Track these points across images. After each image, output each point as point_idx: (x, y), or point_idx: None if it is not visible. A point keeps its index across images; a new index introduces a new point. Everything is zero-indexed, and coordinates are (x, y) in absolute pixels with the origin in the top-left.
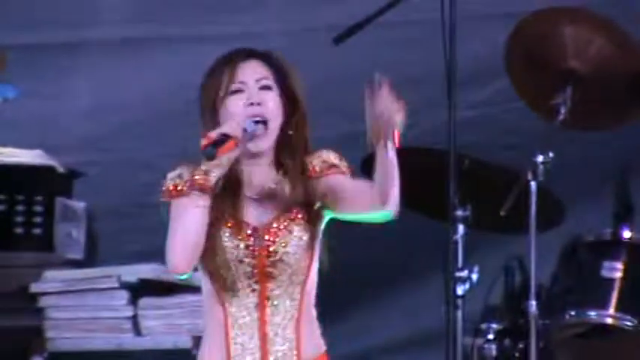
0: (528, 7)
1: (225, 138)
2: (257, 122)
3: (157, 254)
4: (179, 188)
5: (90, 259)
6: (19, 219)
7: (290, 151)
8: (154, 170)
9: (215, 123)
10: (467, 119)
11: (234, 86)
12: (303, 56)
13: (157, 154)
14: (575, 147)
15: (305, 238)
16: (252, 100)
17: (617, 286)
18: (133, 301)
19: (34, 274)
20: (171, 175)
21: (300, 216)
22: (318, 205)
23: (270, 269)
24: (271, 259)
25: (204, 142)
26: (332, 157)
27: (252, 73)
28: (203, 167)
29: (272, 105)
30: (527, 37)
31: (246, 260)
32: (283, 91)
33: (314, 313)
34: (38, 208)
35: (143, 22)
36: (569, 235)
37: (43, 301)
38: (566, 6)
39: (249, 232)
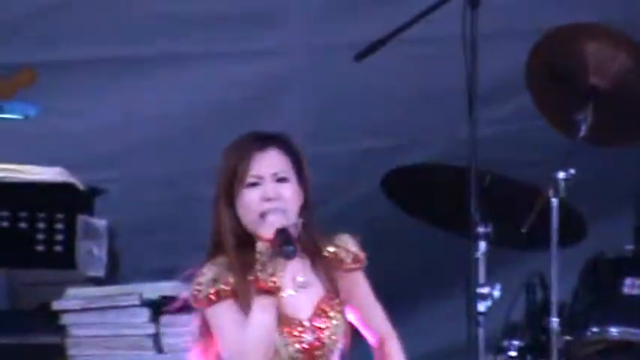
0: (550, 23)
1: (286, 232)
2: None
3: (178, 271)
4: (220, 294)
5: (111, 277)
6: (41, 237)
7: (308, 237)
8: (175, 187)
9: (231, 211)
10: (488, 136)
11: (250, 180)
12: (324, 73)
13: (178, 170)
14: (596, 163)
15: (343, 324)
16: (269, 196)
17: (638, 302)
18: (155, 318)
19: (56, 292)
20: (204, 279)
21: (336, 305)
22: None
23: (316, 353)
24: (319, 351)
25: (265, 245)
26: (350, 244)
27: (268, 166)
28: (268, 269)
29: (288, 196)
30: (549, 54)
31: (297, 356)
32: (299, 178)
33: None
34: (59, 226)
35: (163, 38)
36: (590, 252)
37: (65, 319)
38: (588, 22)
39: (298, 328)
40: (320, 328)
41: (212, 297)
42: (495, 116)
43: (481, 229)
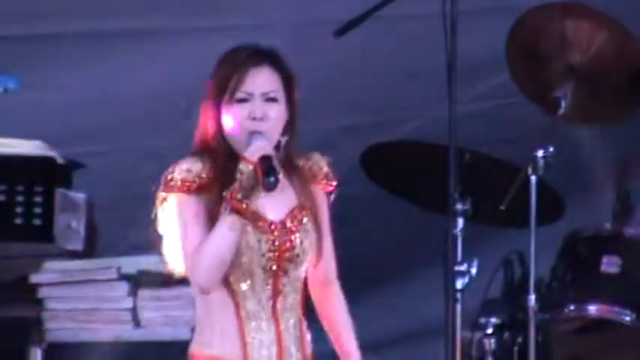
0: (530, 1)
1: (269, 161)
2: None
3: (156, 246)
4: (192, 185)
5: (89, 251)
6: (19, 210)
7: (286, 154)
8: (155, 162)
9: (216, 120)
10: (467, 113)
11: (239, 95)
12: (305, 49)
13: (158, 145)
14: (575, 141)
15: (314, 236)
16: (255, 115)
17: (615, 280)
18: (133, 292)
19: (34, 265)
20: (179, 167)
21: (308, 215)
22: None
23: (285, 263)
24: (289, 253)
25: (247, 166)
26: (324, 164)
27: (260, 84)
28: (243, 191)
29: (274, 117)
30: (529, 31)
31: (268, 254)
32: (287, 98)
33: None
34: (38, 199)
35: (146, 13)
36: (568, 230)
37: (43, 292)
38: (567, 0)
39: (272, 227)
40: (291, 230)
41: (182, 186)
42: (475, 93)
43: (459, 206)
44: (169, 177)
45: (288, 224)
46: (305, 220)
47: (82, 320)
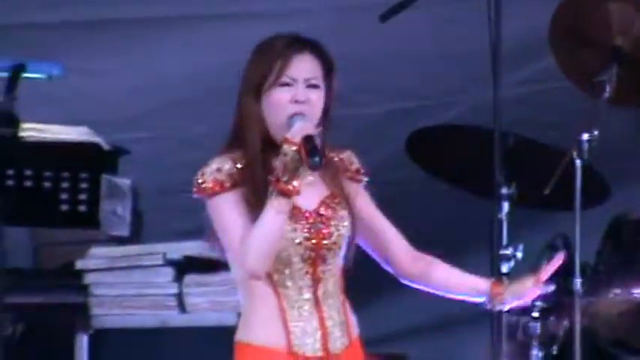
0: None
1: (313, 141)
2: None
3: (202, 231)
4: (225, 184)
5: (135, 237)
6: (65, 196)
7: (322, 143)
8: (199, 148)
9: (257, 106)
10: (512, 97)
11: (283, 79)
12: (351, 34)
13: (202, 132)
14: (620, 125)
15: (349, 223)
16: (298, 99)
17: None
18: (178, 278)
19: (80, 251)
20: (209, 169)
21: (342, 204)
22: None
23: (324, 251)
24: (326, 241)
25: (290, 147)
26: (356, 161)
27: (303, 70)
28: (289, 173)
29: (316, 103)
30: (572, 15)
31: (305, 243)
32: (327, 88)
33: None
34: (84, 185)
35: (188, 0)
36: (614, 213)
37: (89, 278)
38: None
39: (306, 215)
40: (326, 218)
41: (215, 186)
42: (519, 78)
43: (504, 191)
44: (200, 180)
45: (322, 212)
46: (339, 208)
47: (127, 306)
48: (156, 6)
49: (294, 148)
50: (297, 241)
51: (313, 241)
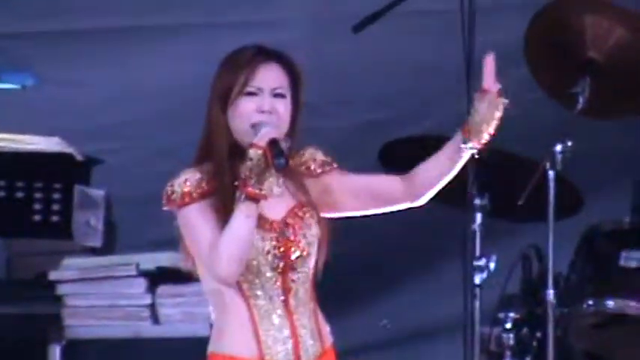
0: None
1: (279, 145)
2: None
3: (175, 242)
4: (192, 195)
5: (108, 247)
6: (38, 206)
7: (291, 156)
8: (174, 159)
9: (224, 116)
10: None
11: (249, 89)
12: (324, 45)
13: (176, 142)
14: (593, 136)
15: (317, 230)
16: (264, 109)
17: (635, 275)
18: (151, 289)
19: (53, 262)
20: (177, 181)
21: (310, 212)
22: (319, 205)
23: (292, 260)
24: (295, 249)
25: (257, 151)
26: (320, 154)
27: (269, 79)
28: (256, 177)
29: (282, 112)
30: (547, 26)
31: (273, 252)
32: (293, 96)
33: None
34: (56, 196)
35: (165, 9)
36: (587, 224)
37: (61, 289)
38: None
39: (273, 224)
40: (293, 227)
41: (184, 197)
42: None
43: (478, 201)
44: (170, 192)
45: (289, 221)
46: (307, 216)
47: (101, 317)
48: (131, 17)
49: (260, 152)
50: (266, 249)
51: (281, 249)
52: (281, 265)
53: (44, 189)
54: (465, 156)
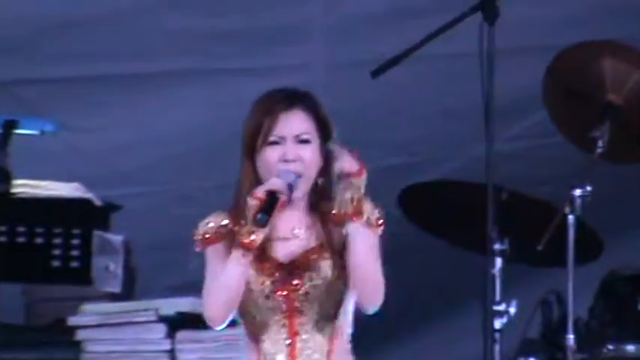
0: (567, 40)
1: (274, 199)
2: (298, 176)
3: (195, 287)
4: (207, 237)
5: (127, 293)
6: (57, 252)
7: (320, 196)
8: (192, 203)
9: (252, 165)
10: (505, 152)
11: (271, 138)
12: (344, 89)
13: (195, 187)
14: (613, 180)
15: (332, 273)
16: (288, 158)
17: None
18: (171, 334)
19: (72, 308)
20: (201, 223)
21: (326, 254)
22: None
23: (297, 304)
24: (298, 293)
25: (254, 201)
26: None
27: (291, 127)
28: (249, 227)
29: (308, 158)
30: (565, 70)
31: (273, 296)
32: (321, 139)
33: (348, 347)
34: (75, 242)
35: (183, 54)
36: (607, 269)
37: (81, 335)
38: (604, 39)
39: (275, 266)
40: (302, 268)
41: (204, 239)
42: (513, 133)
43: (497, 246)
44: (196, 235)
45: (298, 263)
46: (320, 259)
47: None
48: (148, 62)
49: (255, 202)
50: (266, 292)
51: (283, 292)
52: (285, 308)
53: (63, 234)
54: (356, 238)
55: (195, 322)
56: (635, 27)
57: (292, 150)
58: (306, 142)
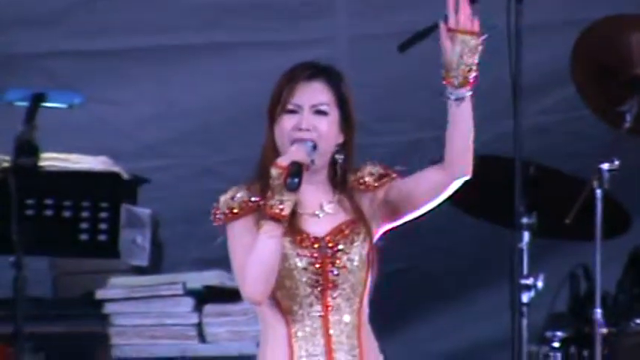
0: (594, 14)
1: (298, 166)
2: (314, 146)
3: (222, 261)
4: (235, 211)
5: (155, 266)
6: (85, 225)
7: (342, 173)
8: (218, 177)
9: (271, 133)
10: (533, 127)
11: (289, 106)
12: (369, 64)
13: (220, 160)
14: None
15: (365, 249)
16: (302, 126)
17: None
18: (198, 308)
19: (99, 281)
20: (223, 197)
21: (358, 228)
22: (377, 219)
23: (333, 277)
24: (335, 267)
25: (277, 170)
26: (379, 168)
27: (309, 97)
28: (277, 197)
29: (324, 130)
30: (593, 45)
31: (310, 268)
32: (341, 114)
33: (369, 326)
34: (103, 215)
35: (208, 28)
36: (635, 243)
37: (108, 308)
38: (632, 13)
39: (312, 240)
40: (335, 243)
41: (227, 215)
42: (540, 108)
43: (525, 220)
44: (216, 209)
45: (331, 238)
46: (353, 234)
47: (147, 336)
48: (174, 36)
49: (280, 171)
50: (302, 266)
51: (317, 266)
52: (319, 281)
53: (91, 208)
54: (462, 105)
55: (222, 295)
56: None
57: (308, 119)
58: (323, 113)
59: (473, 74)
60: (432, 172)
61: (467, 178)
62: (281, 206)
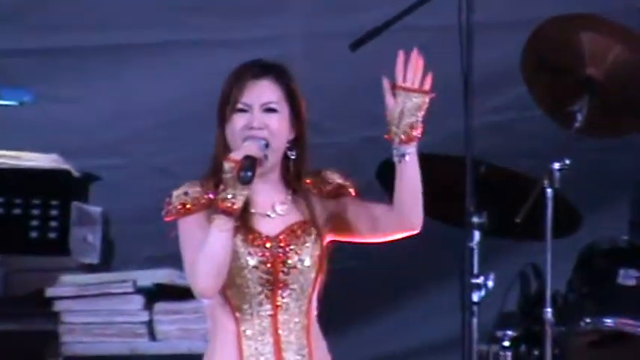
0: (545, 13)
1: (252, 160)
2: (266, 144)
3: (172, 259)
4: (188, 207)
5: (105, 264)
6: (35, 223)
7: (295, 171)
8: (171, 175)
9: (222, 132)
10: (483, 126)
11: (239, 106)
12: (323, 62)
13: (173, 159)
14: (592, 154)
15: (316, 250)
16: (253, 125)
17: (632, 293)
18: (148, 305)
19: (50, 279)
20: (176, 193)
21: (310, 230)
22: (327, 225)
23: (284, 277)
24: (286, 266)
25: (230, 164)
26: (337, 177)
27: (258, 95)
28: (229, 191)
29: (274, 127)
30: (544, 44)
31: (261, 267)
32: (291, 111)
33: (318, 326)
34: (54, 212)
35: (163, 26)
36: (585, 242)
37: (58, 306)
38: (583, 12)
39: (264, 239)
40: (287, 243)
41: (179, 210)
42: (491, 106)
43: (475, 219)
44: (168, 203)
45: (283, 237)
46: (304, 234)
47: (97, 334)
48: (128, 33)
49: (232, 164)
50: (253, 264)
51: (268, 265)
52: (270, 280)
53: (41, 206)
54: (406, 161)
55: (172, 293)
56: (614, 0)
57: (258, 118)
58: (273, 110)
59: (417, 131)
60: (386, 215)
61: (415, 232)
62: (233, 200)
